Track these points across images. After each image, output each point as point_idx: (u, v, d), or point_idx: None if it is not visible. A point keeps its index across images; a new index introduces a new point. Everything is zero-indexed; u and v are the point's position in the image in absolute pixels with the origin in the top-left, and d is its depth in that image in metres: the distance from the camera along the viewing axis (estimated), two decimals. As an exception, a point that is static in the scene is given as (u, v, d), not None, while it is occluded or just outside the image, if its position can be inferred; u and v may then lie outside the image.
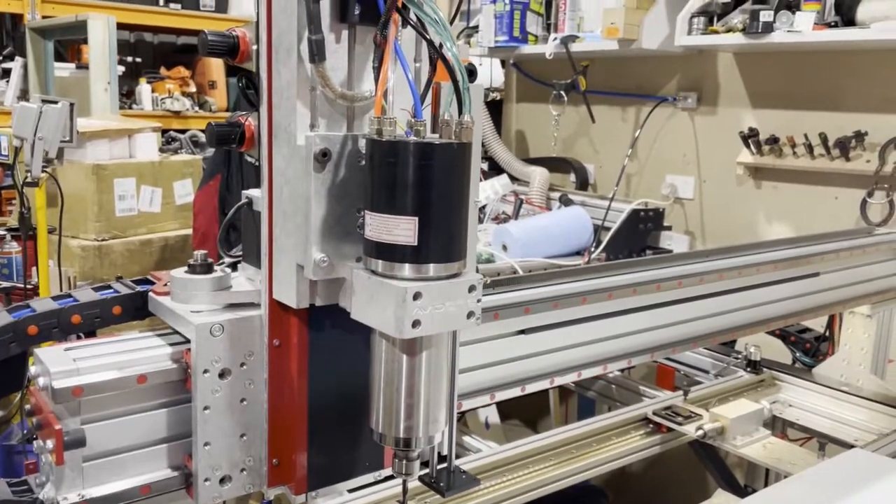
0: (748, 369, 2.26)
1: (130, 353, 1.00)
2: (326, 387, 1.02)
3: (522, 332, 1.40)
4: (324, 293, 0.96)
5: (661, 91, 3.21)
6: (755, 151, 2.83)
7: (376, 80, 0.87)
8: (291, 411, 1.01)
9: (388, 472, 1.09)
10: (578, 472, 1.69)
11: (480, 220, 3.19)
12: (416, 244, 0.84)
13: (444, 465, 1.11)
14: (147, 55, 6.77)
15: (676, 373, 2.49)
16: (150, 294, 1.10)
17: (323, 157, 0.89)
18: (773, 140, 2.77)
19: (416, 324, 0.85)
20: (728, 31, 2.67)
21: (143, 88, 6.16)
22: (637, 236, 2.99)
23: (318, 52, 0.87)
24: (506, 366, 1.38)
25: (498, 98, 4.03)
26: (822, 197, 2.74)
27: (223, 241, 1.08)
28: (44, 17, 5.47)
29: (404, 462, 0.95)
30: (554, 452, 1.71)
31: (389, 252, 0.85)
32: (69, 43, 5.95)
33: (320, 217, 0.90)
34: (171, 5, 6.36)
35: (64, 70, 5.75)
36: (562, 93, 3.16)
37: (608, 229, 2.94)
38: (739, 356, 2.30)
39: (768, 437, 1.91)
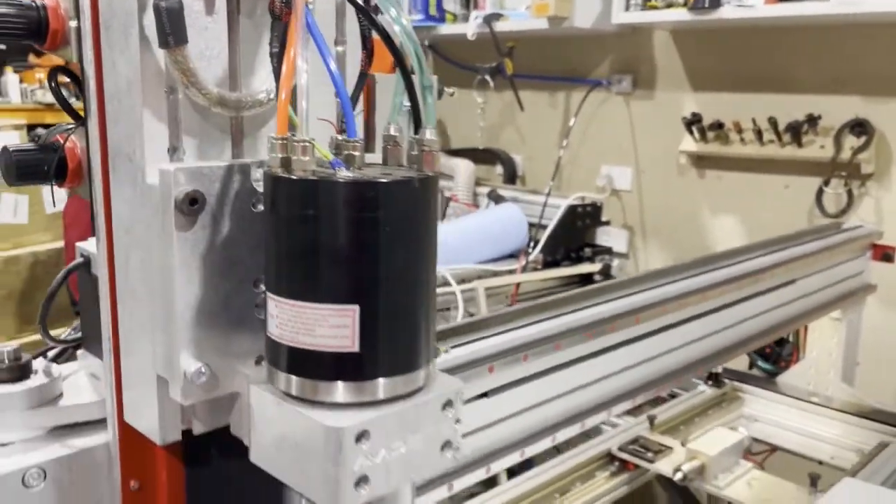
0: (709, 382, 2.03)
1: None
2: (219, 543, 0.66)
3: (485, 395, 1.07)
4: (205, 415, 0.60)
5: (593, 74, 2.94)
6: (699, 138, 2.60)
7: (277, 74, 0.52)
8: (166, 586, 0.65)
9: None
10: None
11: (402, 222, 2.85)
12: (357, 349, 0.50)
13: None
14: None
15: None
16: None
17: (192, 205, 0.53)
18: (718, 125, 2.54)
19: (361, 482, 0.51)
20: (668, 6, 2.42)
21: (10, 79, 5.49)
22: (575, 234, 2.72)
23: (173, 30, 0.51)
24: (465, 441, 1.05)
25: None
26: (771, 186, 2.54)
27: (44, 322, 0.70)
28: None
29: None
30: (513, 512, 1.41)
31: (312, 363, 0.51)
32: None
33: (192, 302, 0.55)
34: (39, -16, 5.68)
35: (-88, 59, 5.03)
36: (487, 77, 2.84)
37: (544, 227, 2.66)
38: (699, 368, 2.06)
39: (750, 470, 1.66)
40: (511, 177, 3.24)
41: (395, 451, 0.52)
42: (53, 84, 0.61)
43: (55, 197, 2.40)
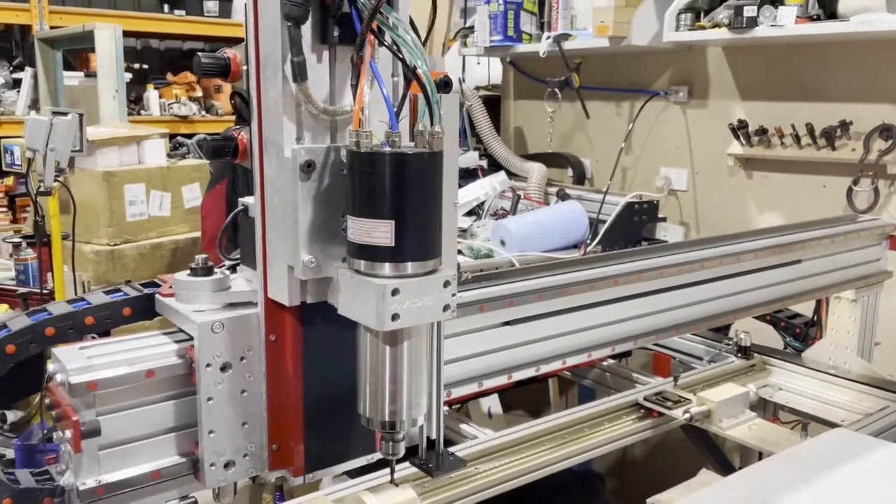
0: (739, 355, 2.33)
1: (139, 350, 1.10)
2: (320, 377, 1.11)
3: (508, 323, 1.48)
4: (314, 291, 1.05)
5: (654, 86, 3.28)
6: (745, 143, 2.90)
7: (354, 96, 0.96)
8: (288, 401, 1.10)
9: (379, 455, 1.18)
10: (571, 456, 1.76)
11: (479, 216, 3.27)
12: (393, 245, 0.93)
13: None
14: (154, 61, 6.90)
15: (672, 360, 2.57)
16: (157, 296, 1.19)
17: (308, 167, 0.97)
18: (762, 131, 2.83)
19: (395, 317, 0.93)
20: (714, 26, 2.74)
21: (151, 94, 6.28)
22: (632, 228, 3.06)
23: (300, 73, 0.96)
24: (492, 355, 1.47)
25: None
26: (811, 186, 2.81)
27: (221, 245, 1.17)
28: (52, 28, 5.59)
29: (391, 444, 1.04)
30: (548, 438, 1.78)
31: (370, 252, 0.94)
32: (77, 52, 6.07)
33: (307, 222, 0.99)
34: (176, 12, 6.47)
35: (73, 79, 5.87)
36: (555, 90, 3.24)
37: (604, 222, 3.02)
38: (731, 342, 2.37)
39: (754, 419, 1.98)
40: (580, 178, 3.60)
41: (415, 304, 0.95)
42: (233, 101, 1.07)
43: (192, 195, 2.99)
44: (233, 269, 1.22)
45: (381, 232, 0.92)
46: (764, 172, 2.95)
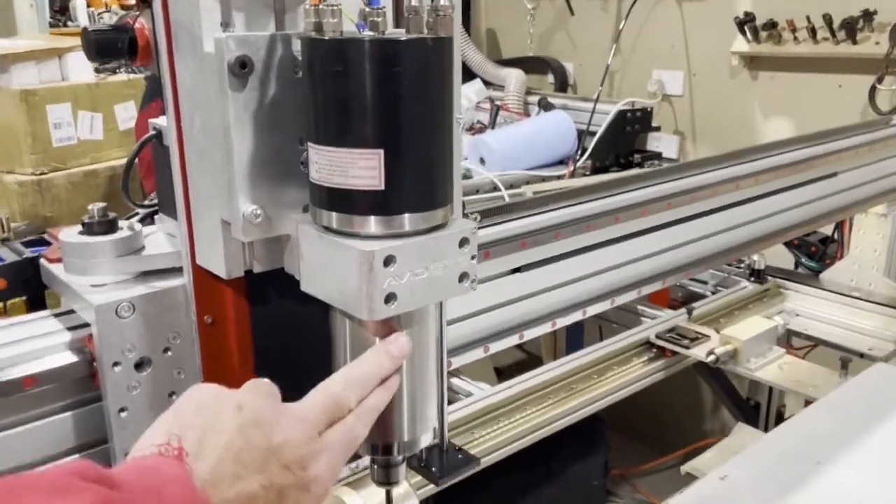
0: (752, 279, 2.08)
1: (16, 344, 0.76)
2: (278, 369, 0.78)
3: (517, 269, 1.17)
4: (263, 256, 0.71)
5: (645, -25, 2.89)
6: (751, 39, 2.56)
7: (309, -49, 0.60)
8: (236, 404, 0.78)
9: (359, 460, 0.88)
10: (580, 407, 1.52)
11: (453, 131, 2.92)
12: (383, 188, 0.59)
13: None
14: (77, -35, 6.19)
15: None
16: (41, 261, 0.84)
17: (242, 68, 0.62)
18: (772, 25, 2.49)
19: (390, 298, 0.61)
20: None
21: (78, 3, 5.66)
22: (624, 140, 2.75)
23: (220, -87, 0.60)
24: (500, 311, 1.16)
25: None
26: (825, 85, 2.50)
27: (126, 186, 0.82)
28: (-47, -74, 4.91)
29: (385, 470, 0.72)
30: (552, 389, 1.53)
31: (346, 200, 0.61)
32: (-13, -45, 5.39)
33: (246, 154, 0.65)
34: None
35: (-16, -14, 5.23)
36: (536, -18, 2.84)
37: (593, 134, 2.69)
38: (742, 265, 2.11)
39: (783, 355, 1.74)
40: (562, 85, 3.24)
41: (418, 276, 0.62)
42: (123, -28, 0.71)
43: (126, 115, 2.52)
44: (149, 218, 0.87)
45: (362, 168, 0.59)
46: (771, 72, 2.63)
